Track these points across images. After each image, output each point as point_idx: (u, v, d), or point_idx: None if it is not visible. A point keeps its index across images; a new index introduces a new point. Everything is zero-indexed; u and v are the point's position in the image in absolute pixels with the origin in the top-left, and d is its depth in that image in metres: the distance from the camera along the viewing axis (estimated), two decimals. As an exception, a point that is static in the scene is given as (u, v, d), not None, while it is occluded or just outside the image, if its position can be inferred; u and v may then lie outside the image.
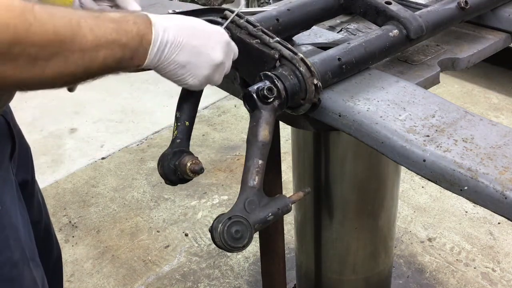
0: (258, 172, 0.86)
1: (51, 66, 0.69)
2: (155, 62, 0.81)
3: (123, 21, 0.76)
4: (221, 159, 3.05)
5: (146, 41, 0.78)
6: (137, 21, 0.78)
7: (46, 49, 0.68)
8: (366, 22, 1.33)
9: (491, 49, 1.24)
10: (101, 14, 0.76)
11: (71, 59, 0.71)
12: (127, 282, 2.28)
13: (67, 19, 0.70)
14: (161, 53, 0.80)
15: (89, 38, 0.72)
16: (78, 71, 0.73)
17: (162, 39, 0.80)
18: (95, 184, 2.91)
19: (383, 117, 0.91)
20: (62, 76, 0.72)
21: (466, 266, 2.26)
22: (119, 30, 0.75)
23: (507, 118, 3.28)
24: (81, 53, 0.71)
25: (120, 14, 0.78)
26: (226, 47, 0.88)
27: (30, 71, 0.68)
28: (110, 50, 0.74)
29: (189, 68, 0.84)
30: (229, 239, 0.80)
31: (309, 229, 1.66)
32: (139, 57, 0.79)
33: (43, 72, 0.69)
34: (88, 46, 0.72)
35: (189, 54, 0.83)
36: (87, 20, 0.72)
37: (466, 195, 0.79)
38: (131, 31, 0.77)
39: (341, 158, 1.48)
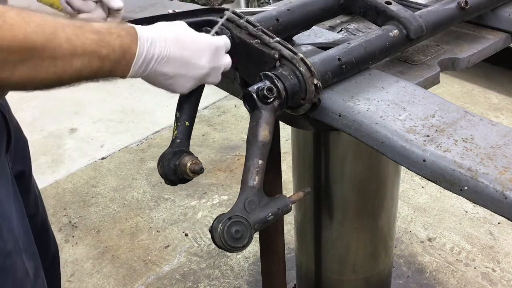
0: (258, 172, 0.86)
1: (19, 71, 0.69)
2: (140, 73, 0.82)
3: (107, 33, 0.76)
4: (221, 159, 3.05)
5: (129, 54, 0.78)
6: (121, 33, 0.78)
7: (14, 55, 0.68)
8: (366, 22, 1.33)
9: (491, 49, 1.24)
10: (85, 24, 0.76)
11: (42, 66, 0.71)
12: (127, 282, 2.28)
13: (42, 27, 0.70)
14: (146, 66, 0.81)
15: (64, 47, 0.71)
16: (48, 78, 0.72)
17: (148, 52, 0.80)
18: (95, 184, 2.91)
19: (383, 117, 0.91)
20: (31, 82, 0.72)
21: (466, 266, 2.26)
22: (101, 42, 0.75)
23: (507, 118, 3.27)
24: (52, 61, 0.71)
25: (105, 26, 0.78)
26: (214, 52, 0.89)
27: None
28: (87, 61, 0.74)
29: (176, 78, 0.85)
30: (229, 239, 0.80)
31: (309, 229, 1.66)
32: (121, 69, 0.79)
33: (11, 76, 0.69)
34: (62, 55, 0.71)
35: (176, 66, 0.84)
36: (66, 29, 0.72)
37: (466, 195, 0.79)
38: (114, 44, 0.77)
39: (341, 158, 1.48)
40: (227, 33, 0.98)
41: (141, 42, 0.79)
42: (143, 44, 0.79)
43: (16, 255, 1.01)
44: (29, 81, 0.72)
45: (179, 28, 0.87)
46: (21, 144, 1.21)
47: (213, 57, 0.89)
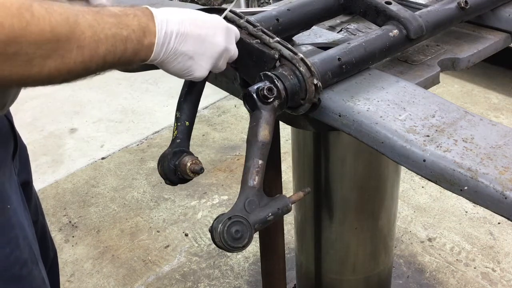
0: (258, 172, 0.86)
1: (48, 64, 0.68)
2: (161, 55, 0.80)
3: (123, 14, 0.75)
4: (221, 159, 3.05)
5: (150, 33, 0.77)
6: (137, 13, 0.77)
7: (43, 48, 0.67)
8: (366, 22, 1.33)
9: (491, 49, 1.24)
10: (101, 9, 0.75)
11: (69, 57, 0.70)
12: (127, 282, 2.28)
13: (65, 16, 0.68)
14: (167, 44, 0.79)
15: (88, 34, 0.70)
16: (77, 68, 0.72)
17: (167, 30, 0.79)
18: (95, 184, 2.91)
19: (383, 117, 0.91)
20: (60, 74, 0.71)
21: (466, 266, 2.26)
22: (119, 24, 0.74)
23: (507, 118, 3.27)
24: (79, 50, 0.70)
25: (119, 8, 0.77)
26: (227, 32, 0.89)
27: (27, 69, 0.67)
28: (110, 45, 0.73)
29: (196, 58, 0.84)
30: (229, 239, 0.80)
31: (309, 229, 1.66)
32: (144, 50, 0.78)
33: (41, 70, 0.68)
34: (87, 42, 0.70)
35: (194, 44, 0.82)
36: (86, 16, 0.71)
37: (466, 195, 0.79)
38: (132, 24, 0.75)
39: (341, 158, 1.48)
40: None
41: (158, 20, 0.78)
42: (160, 22, 0.78)
43: (31, 263, 1.00)
44: (58, 74, 0.71)
45: (189, 10, 0.87)
46: (23, 151, 1.20)
47: (227, 37, 0.88)
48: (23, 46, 0.65)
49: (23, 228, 0.99)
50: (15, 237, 0.96)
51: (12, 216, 0.96)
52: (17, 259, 0.96)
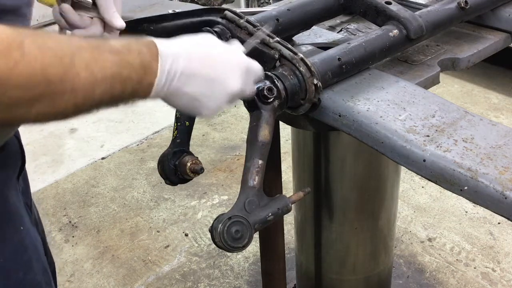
0: (258, 172, 0.86)
1: (36, 108, 0.61)
2: (162, 94, 0.73)
3: (126, 51, 0.68)
4: (221, 159, 3.05)
5: (150, 73, 0.70)
6: (142, 50, 0.70)
7: (31, 91, 0.59)
8: (366, 22, 1.33)
9: (491, 49, 1.24)
10: (102, 44, 0.68)
11: (61, 100, 0.63)
12: (127, 282, 2.28)
13: (59, 55, 0.61)
14: (169, 84, 0.72)
15: (83, 76, 0.63)
16: (68, 110, 0.65)
17: (170, 69, 0.72)
18: (95, 184, 2.91)
19: (383, 117, 0.91)
20: (48, 116, 0.65)
21: (466, 266, 2.26)
22: (121, 62, 0.67)
23: (507, 118, 3.27)
24: (72, 93, 0.63)
25: (123, 43, 0.70)
26: (245, 73, 0.81)
27: (9, 113, 0.60)
28: (109, 86, 0.66)
29: (202, 100, 0.76)
30: (229, 239, 0.80)
31: (309, 229, 1.66)
32: (143, 90, 0.71)
33: (26, 114, 0.61)
34: (81, 84, 0.63)
35: (202, 85, 0.75)
36: (83, 53, 0.64)
37: (466, 195, 0.79)
38: (134, 62, 0.68)
39: (341, 158, 1.48)
40: (227, 34, 0.98)
41: (162, 59, 0.71)
42: (165, 61, 0.71)
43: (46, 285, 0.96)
44: (46, 116, 0.64)
45: (206, 41, 0.79)
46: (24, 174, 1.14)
47: (245, 78, 0.80)
48: (8, 89, 0.57)
49: (36, 250, 0.95)
50: (28, 260, 0.92)
51: (25, 237, 0.92)
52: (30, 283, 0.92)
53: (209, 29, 0.97)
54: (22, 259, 0.92)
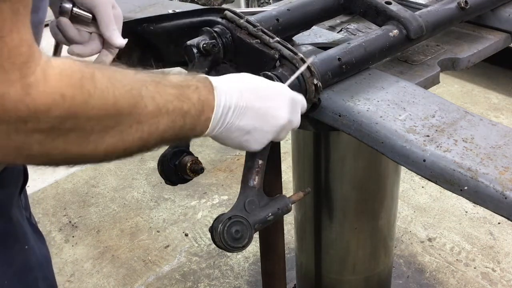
0: (258, 172, 0.86)
1: (106, 141, 0.60)
2: (217, 130, 0.74)
3: (185, 86, 0.69)
4: (221, 159, 3.05)
5: (208, 107, 0.71)
6: (199, 85, 0.70)
7: (102, 123, 0.59)
8: (366, 22, 1.33)
9: (491, 49, 1.24)
10: (162, 78, 0.68)
11: (129, 133, 0.62)
12: (127, 282, 2.28)
13: (129, 88, 0.61)
14: (223, 119, 0.73)
15: (150, 109, 0.63)
16: (134, 145, 0.64)
17: (225, 103, 0.72)
18: (95, 184, 2.91)
19: (383, 117, 0.91)
20: (116, 151, 0.63)
21: (466, 266, 2.26)
22: (181, 97, 0.67)
23: (507, 118, 3.27)
24: (139, 126, 0.63)
25: (181, 78, 0.70)
26: (292, 104, 0.82)
27: (82, 147, 0.59)
28: (171, 121, 0.66)
29: (253, 133, 0.78)
30: (229, 239, 0.80)
31: (309, 229, 1.66)
32: (201, 125, 0.71)
33: (97, 148, 0.60)
34: (148, 117, 0.63)
35: (253, 118, 0.76)
36: (148, 86, 0.64)
37: (466, 195, 0.79)
38: (193, 97, 0.69)
39: (341, 158, 1.48)
40: (227, 34, 0.98)
41: (217, 93, 0.72)
42: (219, 95, 0.72)
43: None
44: (114, 151, 0.63)
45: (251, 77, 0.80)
46: None
47: (291, 108, 0.81)
48: (81, 121, 0.57)
49: (42, 268, 0.94)
50: (34, 280, 0.91)
51: (31, 256, 0.90)
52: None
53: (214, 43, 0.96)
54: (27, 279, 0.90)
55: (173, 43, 1.07)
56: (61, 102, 0.53)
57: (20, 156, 0.56)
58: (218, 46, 0.97)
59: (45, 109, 0.53)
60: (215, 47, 0.97)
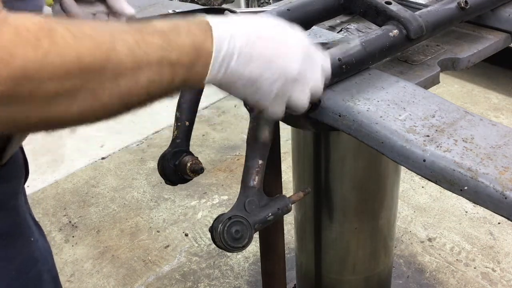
0: (258, 172, 0.86)
1: (77, 102, 0.55)
2: (218, 78, 0.66)
3: (173, 32, 0.61)
4: (221, 159, 3.05)
5: (205, 53, 0.63)
6: (191, 29, 0.62)
7: (68, 82, 0.53)
8: (366, 22, 1.33)
9: (491, 49, 1.24)
10: (146, 26, 0.60)
11: (103, 91, 0.56)
12: (127, 282, 2.28)
13: (97, 42, 0.55)
14: (226, 66, 0.65)
15: (126, 62, 0.57)
16: (113, 104, 0.59)
17: (228, 48, 0.64)
18: (95, 184, 2.91)
19: (383, 117, 0.91)
20: (92, 112, 0.58)
21: (466, 266, 2.26)
22: (168, 46, 0.60)
23: (507, 118, 3.27)
24: (114, 82, 0.56)
25: (169, 24, 0.62)
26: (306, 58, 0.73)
27: (49, 110, 0.54)
28: (156, 72, 0.59)
29: (259, 83, 0.69)
30: (229, 239, 0.80)
31: (309, 229, 1.66)
32: (197, 74, 0.64)
33: (67, 110, 0.55)
34: (124, 72, 0.57)
35: (261, 66, 0.68)
36: (124, 37, 0.57)
37: (466, 195, 0.79)
38: (184, 44, 0.61)
39: (341, 158, 1.48)
40: None
41: (218, 36, 0.63)
42: (219, 39, 0.64)
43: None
44: (90, 112, 0.58)
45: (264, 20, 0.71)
46: None
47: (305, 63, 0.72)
48: (41, 82, 0.51)
49: (46, 261, 0.93)
50: (38, 273, 0.91)
51: (35, 249, 0.90)
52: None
53: None
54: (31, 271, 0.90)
55: (173, 43, 1.06)
56: (10, 63, 0.48)
57: None
58: (218, 46, 0.97)
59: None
60: (215, 47, 0.96)
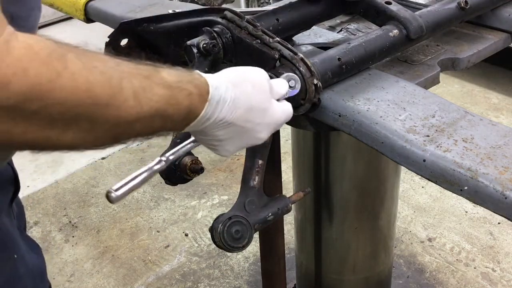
0: (258, 172, 0.86)
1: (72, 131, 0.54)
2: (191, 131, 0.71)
3: (177, 88, 0.62)
4: (221, 159, 3.05)
5: (193, 115, 0.65)
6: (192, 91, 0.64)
7: (73, 110, 0.52)
8: (366, 22, 1.33)
9: (491, 49, 1.24)
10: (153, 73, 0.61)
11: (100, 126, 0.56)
12: (127, 282, 2.28)
13: (107, 76, 0.55)
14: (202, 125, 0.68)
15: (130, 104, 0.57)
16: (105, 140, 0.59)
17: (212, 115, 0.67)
18: (95, 184, 2.91)
19: (383, 117, 0.91)
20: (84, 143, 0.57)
21: (466, 266, 2.26)
22: (170, 100, 0.61)
23: (507, 118, 3.27)
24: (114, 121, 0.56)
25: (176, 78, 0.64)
26: (275, 128, 0.79)
27: (44, 132, 0.53)
28: (150, 121, 0.60)
29: (225, 142, 0.73)
30: (229, 239, 0.80)
31: (309, 229, 1.66)
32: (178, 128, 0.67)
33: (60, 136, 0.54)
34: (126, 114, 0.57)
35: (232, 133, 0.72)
36: (132, 80, 0.57)
37: (466, 195, 0.79)
38: (182, 103, 0.63)
39: (341, 158, 1.48)
40: (227, 34, 0.98)
41: (210, 104, 0.66)
42: (211, 106, 0.66)
43: None
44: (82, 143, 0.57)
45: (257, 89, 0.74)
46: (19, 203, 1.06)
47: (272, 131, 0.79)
48: (49, 104, 0.50)
49: (33, 277, 0.92)
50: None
51: (20, 266, 0.88)
52: None
53: None
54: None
55: (173, 43, 1.06)
56: (22, 77, 0.48)
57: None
58: (218, 46, 0.97)
59: (5, 82, 0.47)
60: (215, 47, 0.97)
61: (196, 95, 0.65)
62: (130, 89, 0.57)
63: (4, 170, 0.89)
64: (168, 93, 0.61)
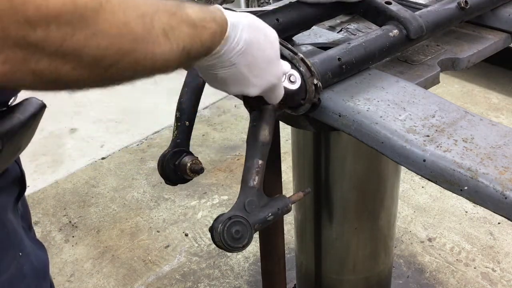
0: (258, 172, 0.86)
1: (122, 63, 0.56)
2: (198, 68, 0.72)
3: (201, 26, 0.64)
4: (221, 159, 3.05)
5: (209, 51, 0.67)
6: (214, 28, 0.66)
7: (116, 43, 0.54)
8: (366, 22, 1.33)
9: (491, 49, 1.24)
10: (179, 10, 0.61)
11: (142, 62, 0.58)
12: (127, 282, 2.28)
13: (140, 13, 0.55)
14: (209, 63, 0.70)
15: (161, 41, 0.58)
16: (145, 73, 0.61)
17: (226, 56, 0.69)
18: (95, 184, 2.91)
19: (383, 117, 0.91)
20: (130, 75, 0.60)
21: (466, 266, 2.26)
22: (195, 37, 0.63)
23: (507, 118, 3.27)
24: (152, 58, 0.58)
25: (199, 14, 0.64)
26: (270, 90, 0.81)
27: (98, 65, 0.54)
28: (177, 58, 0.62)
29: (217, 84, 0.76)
30: (229, 239, 0.80)
31: (309, 229, 1.66)
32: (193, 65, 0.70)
33: (114, 67, 0.56)
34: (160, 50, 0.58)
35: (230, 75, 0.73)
36: (161, 16, 0.58)
37: (466, 195, 0.79)
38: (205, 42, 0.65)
39: (341, 158, 1.48)
40: None
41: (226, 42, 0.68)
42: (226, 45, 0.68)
43: None
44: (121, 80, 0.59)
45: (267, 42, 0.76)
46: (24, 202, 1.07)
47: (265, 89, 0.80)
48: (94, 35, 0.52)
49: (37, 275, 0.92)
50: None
51: (24, 264, 0.89)
52: None
53: None
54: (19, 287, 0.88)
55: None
56: (72, 8, 0.49)
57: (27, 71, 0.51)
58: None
59: (55, 14, 0.48)
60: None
61: (218, 34, 0.66)
62: (160, 27, 0.58)
63: (12, 169, 0.90)
64: (193, 31, 0.62)
